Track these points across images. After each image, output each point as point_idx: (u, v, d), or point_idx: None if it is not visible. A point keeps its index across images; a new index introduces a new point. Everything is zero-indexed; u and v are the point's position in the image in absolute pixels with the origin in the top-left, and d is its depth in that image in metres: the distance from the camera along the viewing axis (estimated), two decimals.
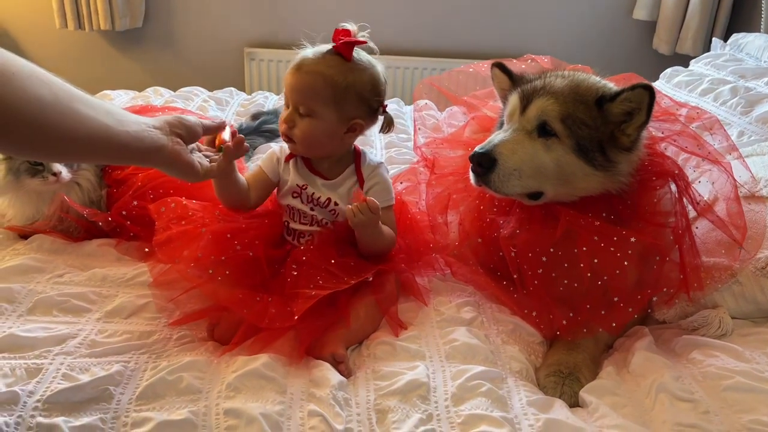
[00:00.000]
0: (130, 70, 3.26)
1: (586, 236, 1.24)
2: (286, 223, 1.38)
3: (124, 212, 1.47)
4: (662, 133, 1.35)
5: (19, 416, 0.98)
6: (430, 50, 3.22)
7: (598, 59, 3.26)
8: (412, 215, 1.48)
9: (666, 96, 1.48)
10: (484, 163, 1.25)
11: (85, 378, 1.07)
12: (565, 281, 1.25)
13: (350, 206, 1.24)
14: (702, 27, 3.03)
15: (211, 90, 2.67)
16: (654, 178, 1.30)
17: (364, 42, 1.27)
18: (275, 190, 1.40)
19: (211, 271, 1.23)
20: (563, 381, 1.15)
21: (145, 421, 0.98)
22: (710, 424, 1.02)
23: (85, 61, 3.26)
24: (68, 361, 1.11)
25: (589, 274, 1.22)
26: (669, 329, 1.32)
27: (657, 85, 2.44)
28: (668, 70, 2.51)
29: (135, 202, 1.46)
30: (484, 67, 1.73)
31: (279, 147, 1.39)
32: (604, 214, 1.27)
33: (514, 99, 1.33)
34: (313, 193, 1.33)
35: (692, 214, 1.31)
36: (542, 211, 1.31)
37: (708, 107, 2.07)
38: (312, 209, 1.34)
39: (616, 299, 1.24)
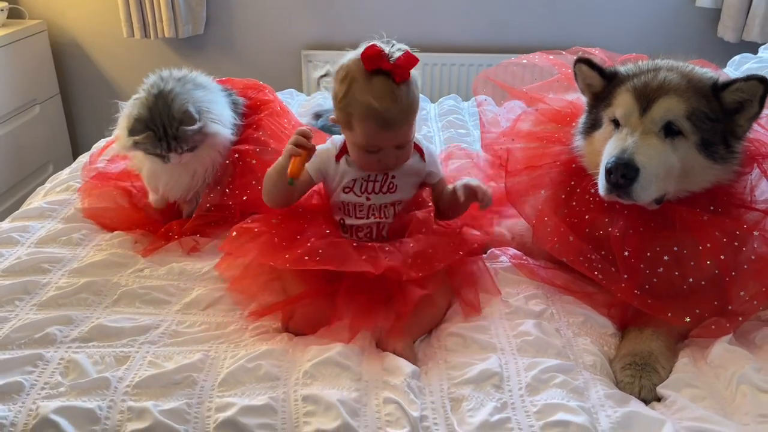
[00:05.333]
0: None
1: (706, 233, 1.20)
2: (341, 220, 1.38)
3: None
4: None
5: (111, 400, 1.04)
6: (486, 46, 3.20)
7: (660, 49, 3.15)
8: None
9: None
10: (630, 174, 1.18)
11: (169, 365, 1.12)
12: (691, 279, 1.20)
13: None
14: None
15: None
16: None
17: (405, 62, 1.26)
18: (325, 187, 1.40)
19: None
20: (640, 374, 1.13)
21: (229, 406, 1.02)
22: None
23: (151, 67, 3.39)
24: (153, 350, 1.17)
25: (716, 271, 1.18)
26: (748, 321, 1.28)
27: (725, 73, 2.36)
28: (737, 57, 2.42)
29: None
30: (537, 58, 1.70)
31: (332, 145, 1.37)
32: (711, 207, 1.23)
33: (627, 99, 1.25)
34: (368, 176, 1.34)
35: None
36: (652, 210, 1.26)
37: None
38: (368, 198, 1.34)
39: (742, 293, 1.19)
